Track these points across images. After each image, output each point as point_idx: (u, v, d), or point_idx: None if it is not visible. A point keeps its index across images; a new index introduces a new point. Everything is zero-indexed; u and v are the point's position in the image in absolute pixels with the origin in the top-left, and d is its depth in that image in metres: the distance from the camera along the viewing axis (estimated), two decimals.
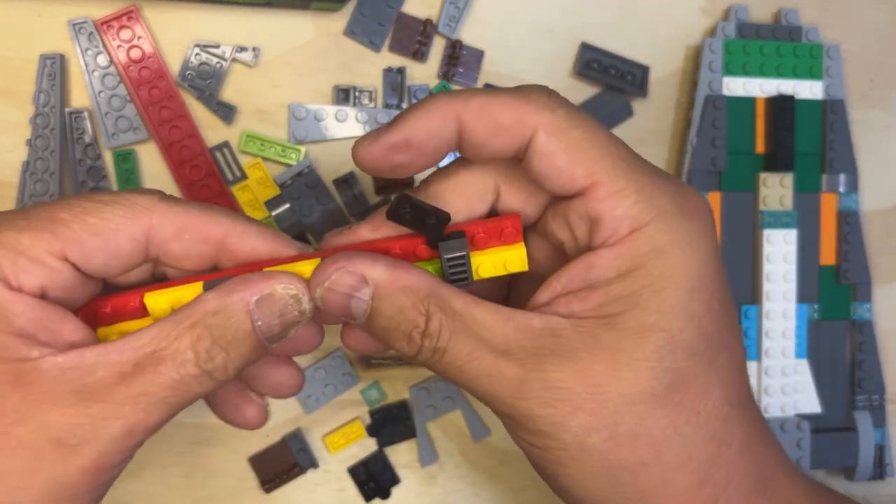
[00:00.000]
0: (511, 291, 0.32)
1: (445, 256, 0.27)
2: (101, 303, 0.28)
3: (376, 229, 0.28)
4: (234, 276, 0.27)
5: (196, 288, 0.27)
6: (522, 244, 0.28)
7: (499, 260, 0.28)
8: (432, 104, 0.26)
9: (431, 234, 0.27)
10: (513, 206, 0.29)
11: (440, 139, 0.26)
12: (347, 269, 0.26)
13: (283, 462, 0.40)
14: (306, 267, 0.27)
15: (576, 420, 0.25)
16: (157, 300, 0.28)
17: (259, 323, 0.26)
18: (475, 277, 0.28)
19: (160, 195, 0.27)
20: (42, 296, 0.26)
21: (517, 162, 0.27)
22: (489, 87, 0.27)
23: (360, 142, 0.27)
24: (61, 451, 0.24)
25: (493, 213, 0.29)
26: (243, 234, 0.28)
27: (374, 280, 0.26)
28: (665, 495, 0.26)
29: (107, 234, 0.26)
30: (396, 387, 0.41)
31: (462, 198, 0.28)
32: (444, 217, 0.27)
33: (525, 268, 0.28)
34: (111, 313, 0.28)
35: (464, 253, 0.27)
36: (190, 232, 0.27)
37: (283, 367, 0.31)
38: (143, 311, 0.28)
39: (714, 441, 0.26)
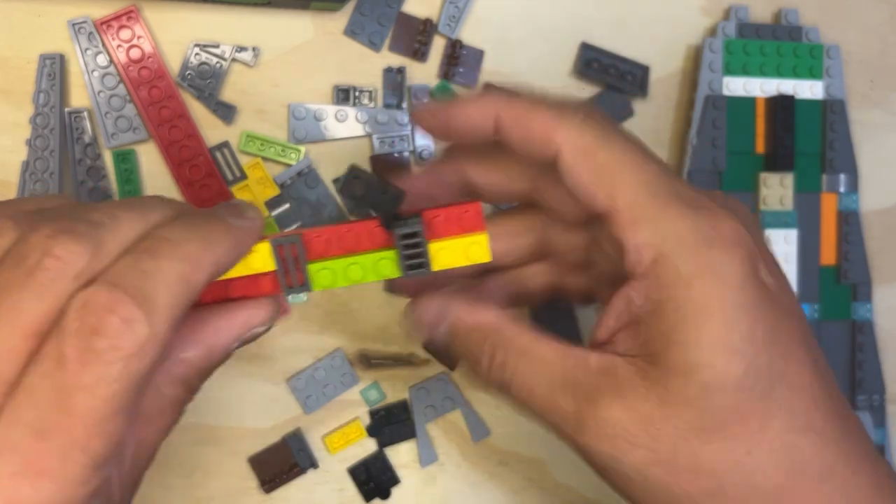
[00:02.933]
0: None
1: (399, 233, 0.26)
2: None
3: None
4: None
5: (265, 247, 0.27)
6: (485, 233, 0.27)
7: (459, 248, 0.27)
8: (479, 97, 0.28)
9: (385, 212, 0.26)
10: (553, 200, 0.30)
11: (474, 127, 0.28)
12: (430, 307, 0.30)
13: (282, 462, 0.40)
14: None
15: (633, 456, 0.25)
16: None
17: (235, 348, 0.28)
18: (434, 267, 0.27)
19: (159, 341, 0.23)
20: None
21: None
22: (530, 92, 0.29)
23: (418, 104, 0.30)
24: None
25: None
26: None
27: (450, 319, 0.29)
28: None
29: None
30: (396, 387, 0.41)
31: (498, 173, 0.30)
32: (397, 193, 0.26)
33: (488, 258, 0.27)
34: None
35: (417, 230, 0.26)
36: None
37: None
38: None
39: (781, 470, 0.25)
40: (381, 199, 0.26)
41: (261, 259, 0.26)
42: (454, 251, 0.27)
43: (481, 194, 0.31)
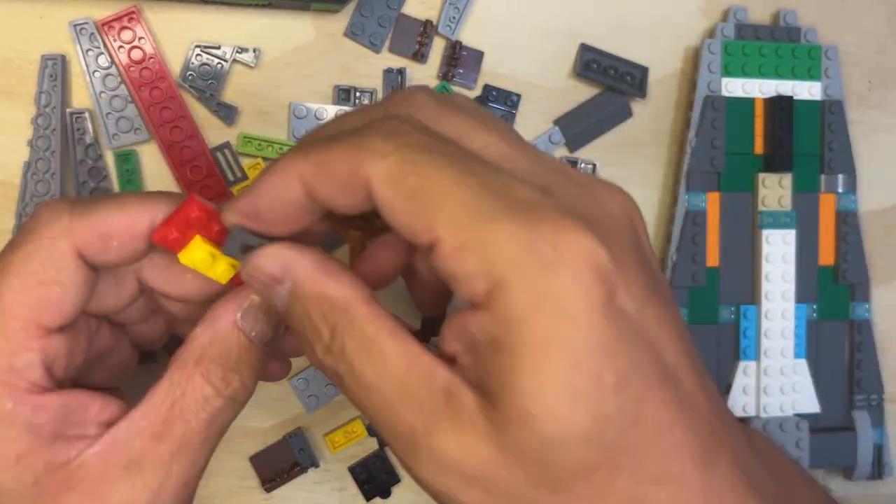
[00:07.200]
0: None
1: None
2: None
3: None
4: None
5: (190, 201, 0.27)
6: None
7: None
8: (276, 166, 0.25)
9: None
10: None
11: (287, 205, 0.25)
12: (274, 257, 0.25)
13: (283, 461, 0.40)
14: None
15: (467, 495, 0.23)
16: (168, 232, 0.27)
17: (253, 334, 0.27)
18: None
19: (69, 211, 0.26)
20: (52, 373, 0.26)
21: None
22: (340, 122, 0.27)
23: (227, 204, 0.26)
24: None
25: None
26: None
27: (295, 278, 0.25)
28: None
29: (54, 286, 0.26)
30: None
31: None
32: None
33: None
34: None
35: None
36: (115, 238, 0.26)
37: (274, 362, 0.32)
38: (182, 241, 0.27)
39: None
40: None
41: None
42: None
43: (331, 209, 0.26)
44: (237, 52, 0.39)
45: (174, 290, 0.29)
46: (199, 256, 0.27)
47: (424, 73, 0.41)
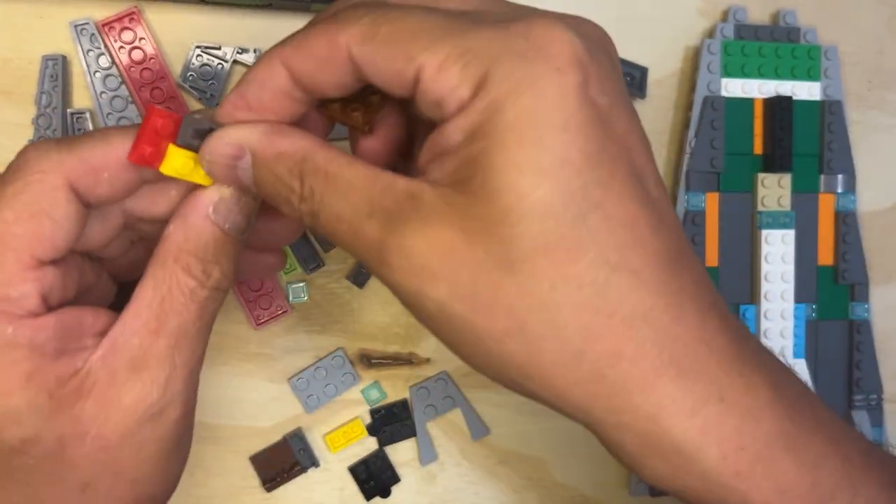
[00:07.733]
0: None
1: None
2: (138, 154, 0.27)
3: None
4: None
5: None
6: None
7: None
8: (260, 58, 0.26)
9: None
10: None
11: (272, 90, 0.26)
12: (224, 138, 0.26)
13: (283, 461, 0.40)
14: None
15: (434, 289, 0.23)
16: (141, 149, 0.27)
17: (227, 226, 0.28)
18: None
19: (56, 148, 0.26)
20: (48, 303, 0.26)
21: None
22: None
23: (220, 103, 0.28)
24: (152, 421, 0.27)
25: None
26: None
27: (251, 148, 0.26)
28: (538, 366, 0.23)
29: (46, 219, 0.26)
30: (396, 386, 0.42)
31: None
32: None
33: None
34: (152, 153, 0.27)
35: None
36: (106, 169, 0.27)
37: (267, 255, 0.32)
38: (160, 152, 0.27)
39: (589, 310, 0.23)
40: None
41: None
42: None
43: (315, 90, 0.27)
44: (238, 52, 0.39)
45: (162, 210, 0.29)
46: (180, 162, 0.27)
47: None
